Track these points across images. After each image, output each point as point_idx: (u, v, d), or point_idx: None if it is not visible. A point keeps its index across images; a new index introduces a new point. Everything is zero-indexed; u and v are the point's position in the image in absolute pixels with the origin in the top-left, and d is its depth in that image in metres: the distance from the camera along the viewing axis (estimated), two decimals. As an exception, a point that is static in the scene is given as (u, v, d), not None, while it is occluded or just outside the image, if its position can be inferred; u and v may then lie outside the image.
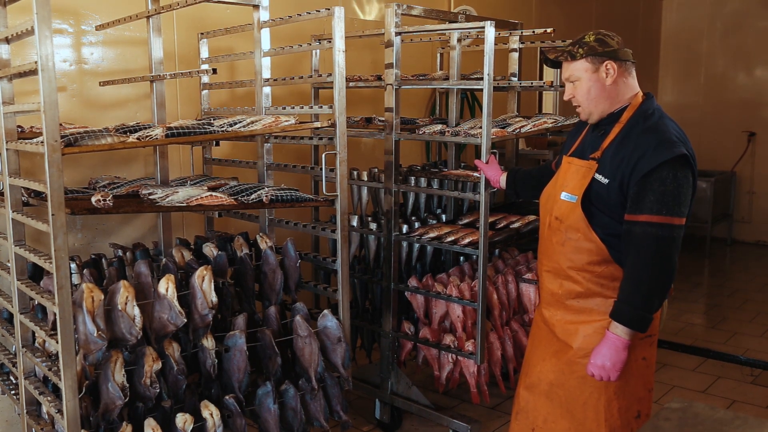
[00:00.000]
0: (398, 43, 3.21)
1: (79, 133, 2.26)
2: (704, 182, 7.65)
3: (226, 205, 2.63)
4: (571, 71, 2.28)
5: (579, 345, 2.33)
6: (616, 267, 2.27)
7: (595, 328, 2.30)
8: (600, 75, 2.24)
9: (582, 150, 2.37)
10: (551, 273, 2.41)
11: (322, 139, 3.01)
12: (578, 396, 2.34)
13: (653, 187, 2.12)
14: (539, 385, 2.45)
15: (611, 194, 2.21)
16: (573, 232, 2.29)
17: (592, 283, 2.30)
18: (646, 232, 2.13)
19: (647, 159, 2.12)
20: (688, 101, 8.57)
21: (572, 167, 2.34)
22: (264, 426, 2.73)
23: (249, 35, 3.12)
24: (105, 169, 3.36)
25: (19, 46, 2.87)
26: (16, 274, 2.48)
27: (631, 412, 2.34)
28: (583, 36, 2.27)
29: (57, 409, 2.30)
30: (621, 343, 2.17)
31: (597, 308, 2.31)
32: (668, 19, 8.61)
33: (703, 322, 5.60)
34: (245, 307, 2.92)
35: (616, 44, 2.24)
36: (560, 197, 2.34)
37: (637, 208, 2.14)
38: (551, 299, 2.43)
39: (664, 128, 2.20)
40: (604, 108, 2.28)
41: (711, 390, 4.19)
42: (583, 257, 2.29)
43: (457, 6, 5.23)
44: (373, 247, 3.66)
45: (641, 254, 2.15)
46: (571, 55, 2.26)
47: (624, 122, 2.25)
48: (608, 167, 2.22)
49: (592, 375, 2.24)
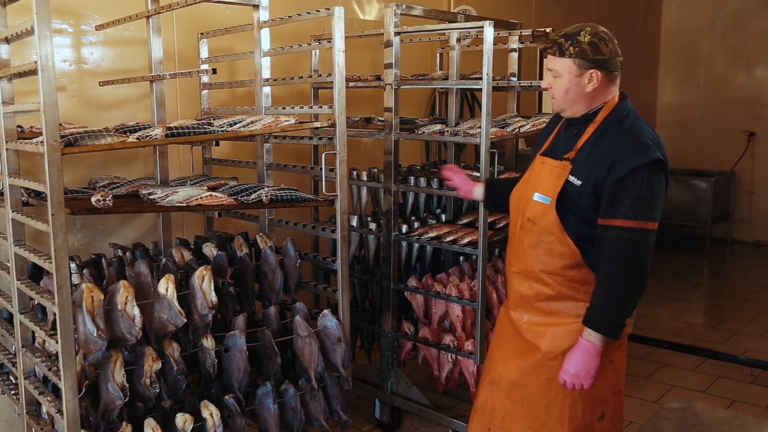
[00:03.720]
0: (398, 43, 3.21)
1: (79, 133, 2.26)
2: (704, 182, 7.66)
3: (225, 205, 2.63)
4: (555, 65, 2.19)
5: (548, 347, 2.29)
6: (587, 271, 2.24)
7: (565, 330, 2.27)
8: (582, 80, 2.18)
9: (554, 149, 2.31)
10: (521, 275, 2.35)
11: (322, 139, 3.01)
12: (543, 397, 2.31)
13: (628, 191, 2.09)
14: (500, 383, 2.40)
15: (584, 196, 2.17)
16: (546, 235, 2.24)
17: (564, 286, 2.27)
18: (621, 237, 2.10)
19: (622, 163, 2.09)
20: (688, 101, 8.58)
21: (546, 167, 2.28)
22: (264, 426, 2.73)
23: (249, 35, 3.13)
24: (105, 169, 3.36)
25: (18, 46, 2.87)
26: (16, 274, 2.48)
27: (595, 413, 2.32)
28: (579, 31, 2.17)
29: (57, 409, 2.30)
30: (594, 350, 2.15)
31: (567, 311, 2.28)
32: (668, 19, 8.62)
33: (702, 322, 5.60)
34: (245, 307, 2.92)
35: (608, 52, 2.16)
36: (533, 197, 2.28)
37: (612, 213, 2.11)
38: (519, 301, 2.38)
39: (639, 131, 2.18)
40: (579, 109, 2.24)
41: (711, 390, 4.19)
42: (556, 261, 2.25)
43: (457, 6, 5.23)
44: (373, 247, 3.66)
45: (616, 260, 2.12)
46: (560, 50, 2.17)
47: (599, 122, 2.21)
48: (583, 168, 2.18)
49: (564, 383, 2.20)
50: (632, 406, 3.94)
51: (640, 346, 4.92)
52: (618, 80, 2.25)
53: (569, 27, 2.22)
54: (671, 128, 8.74)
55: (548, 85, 2.25)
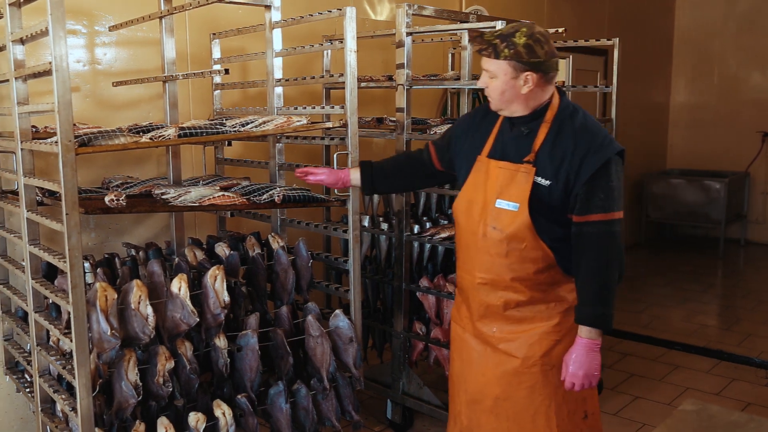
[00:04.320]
0: (409, 44, 3.21)
1: (93, 133, 2.28)
2: (718, 183, 7.61)
3: (238, 205, 2.63)
4: (490, 66, 2.17)
5: (525, 354, 2.26)
6: (557, 270, 2.23)
7: (539, 334, 2.25)
8: (518, 82, 2.15)
9: (503, 151, 2.26)
10: (489, 285, 2.29)
11: (334, 140, 3.01)
12: (527, 407, 2.28)
13: (601, 185, 2.12)
14: (483, 401, 2.35)
15: (553, 196, 2.16)
16: (518, 242, 2.19)
17: (535, 290, 2.25)
18: (600, 230, 2.13)
19: (592, 158, 2.11)
20: (702, 101, 8.52)
21: (504, 172, 2.22)
22: (276, 425, 2.73)
23: (261, 35, 3.13)
24: (118, 168, 3.37)
25: (32, 47, 2.89)
26: (31, 273, 2.50)
27: (578, 414, 2.32)
28: (515, 32, 2.13)
29: (71, 407, 2.31)
30: (595, 345, 2.16)
31: (539, 315, 2.26)
32: (681, 19, 8.56)
33: (716, 324, 5.56)
34: (257, 306, 2.92)
35: (543, 54, 2.12)
36: (495, 205, 2.23)
37: (588, 209, 2.12)
38: (486, 312, 2.32)
39: (596, 125, 2.21)
40: (517, 109, 2.21)
41: (725, 392, 4.16)
42: (528, 266, 2.22)
43: (469, 6, 5.22)
44: (385, 247, 3.66)
45: (599, 254, 2.14)
46: (495, 53, 2.14)
47: (550, 120, 2.20)
48: (548, 168, 2.16)
49: (572, 386, 2.17)
50: (645, 408, 3.92)
51: (653, 348, 4.89)
52: (555, 79, 2.22)
53: (505, 27, 2.20)
54: (684, 128, 8.69)
55: (484, 85, 2.23)
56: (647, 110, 8.25)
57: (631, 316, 5.62)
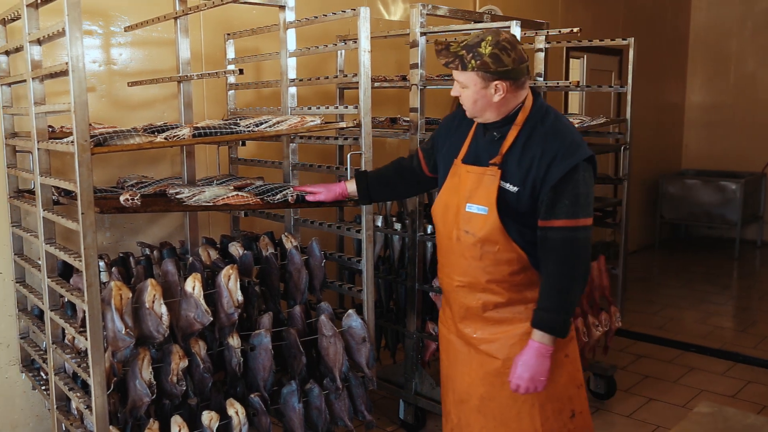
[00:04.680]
0: (423, 44, 3.20)
1: (108, 133, 2.29)
2: (734, 183, 7.54)
3: (251, 204, 2.64)
4: (459, 77, 2.16)
5: (506, 356, 2.26)
6: (533, 272, 2.22)
7: (519, 335, 2.24)
8: (488, 91, 2.13)
9: (476, 155, 2.26)
10: (466, 288, 2.30)
11: (347, 139, 3.01)
12: (511, 407, 2.29)
13: (567, 191, 2.09)
14: (469, 400, 2.37)
15: (522, 201, 2.15)
16: (491, 245, 2.20)
17: (512, 291, 2.25)
18: (565, 236, 2.10)
19: (559, 164, 2.09)
20: (718, 101, 8.45)
21: (472, 176, 2.23)
22: (289, 425, 2.74)
23: (275, 36, 3.14)
24: (133, 168, 3.39)
25: (49, 48, 2.92)
26: (47, 272, 2.52)
27: (565, 413, 2.30)
28: (480, 41, 2.10)
29: (86, 405, 2.33)
30: (546, 350, 2.14)
31: (517, 315, 2.26)
32: (697, 18, 8.49)
33: (732, 326, 5.51)
34: (270, 306, 2.93)
35: (510, 62, 2.09)
36: (465, 209, 2.23)
37: (553, 214, 2.10)
38: (466, 313, 2.34)
39: (566, 129, 2.18)
40: (491, 116, 2.20)
41: (740, 395, 4.12)
42: (503, 268, 2.22)
43: (483, 6, 5.20)
44: (398, 247, 3.65)
45: (562, 260, 2.12)
46: (462, 65, 2.12)
47: (520, 124, 2.18)
48: (516, 174, 2.15)
49: (517, 388, 2.17)
50: (660, 411, 3.89)
51: (668, 350, 4.86)
52: (527, 83, 2.20)
53: (470, 36, 2.16)
54: (700, 129, 8.62)
55: (457, 94, 2.22)
56: (662, 110, 8.19)
57: (645, 317, 5.58)
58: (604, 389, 3.98)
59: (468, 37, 2.17)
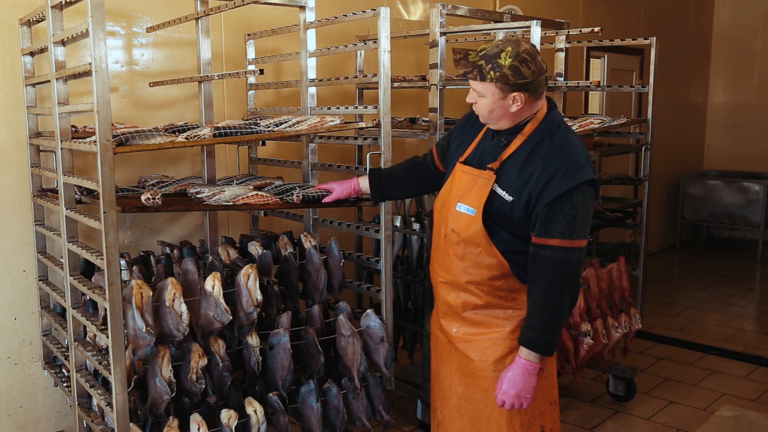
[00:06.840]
0: (443, 44, 3.19)
1: (130, 133, 2.31)
2: (757, 184, 7.44)
3: (271, 204, 2.65)
4: (477, 87, 2.16)
5: (479, 357, 2.28)
6: (514, 279, 2.22)
7: (493, 339, 2.25)
8: (506, 102, 2.12)
9: (480, 158, 2.26)
10: (448, 285, 2.32)
11: (367, 140, 3.01)
12: (482, 410, 2.30)
13: (563, 211, 2.07)
14: (450, 398, 2.40)
15: (515, 212, 2.14)
16: (473, 247, 2.20)
17: (492, 295, 2.25)
18: (558, 256, 2.08)
19: (557, 183, 2.07)
20: (741, 101, 8.34)
21: (467, 176, 2.24)
22: (307, 424, 2.75)
23: (295, 36, 3.15)
24: (154, 167, 3.42)
25: (72, 49, 2.95)
26: (69, 270, 2.55)
27: (534, 427, 2.29)
28: (500, 52, 2.09)
29: (107, 402, 2.36)
30: (533, 368, 2.14)
31: (495, 319, 2.26)
32: (720, 17, 8.39)
33: (754, 329, 5.44)
34: (289, 305, 2.94)
35: (530, 74, 2.08)
36: (456, 208, 2.24)
37: (547, 232, 2.08)
38: (448, 310, 2.36)
39: (572, 148, 2.15)
40: (505, 125, 2.19)
41: (763, 398, 4.06)
42: (483, 272, 2.22)
43: (503, 6, 5.18)
44: (416, 247, 3.65)
45: (552, 279, 2.10)
46: (480, 75, 2.11)
47: (527, 134, 2.16)
48: (514, 184, 2.14)
49: (503, 404, 2.17)
50: (680, 414, 3.85)
51: (689, 353, 4.81)
52: (544, 94, 2.19)
53: (489, 45, 2.14)
54: (723, 129, 8.51)
55: (473, 101, 2.21)
56: (684, 110, 8.10)
57: (666, 319, 5.53)
58: (624, 391, 3.95)
59: (487, 46, 2.14)
